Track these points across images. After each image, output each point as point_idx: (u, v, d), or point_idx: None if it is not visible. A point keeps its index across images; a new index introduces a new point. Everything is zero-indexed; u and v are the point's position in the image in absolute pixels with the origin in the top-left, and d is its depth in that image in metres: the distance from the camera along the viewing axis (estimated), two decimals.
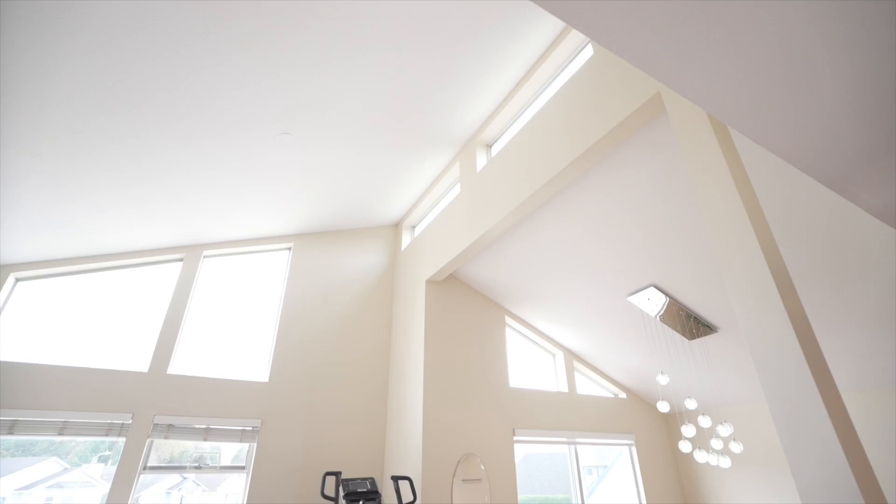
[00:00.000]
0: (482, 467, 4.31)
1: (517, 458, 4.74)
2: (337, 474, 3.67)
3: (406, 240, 5.69)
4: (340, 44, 2.83)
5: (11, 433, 3.33)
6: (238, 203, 4.21)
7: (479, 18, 2.97)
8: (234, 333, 4.60)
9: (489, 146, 4.49)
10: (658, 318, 4.39)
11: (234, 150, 3.50)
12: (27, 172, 2.98)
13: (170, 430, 3.90)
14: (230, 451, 4.14)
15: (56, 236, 3.68)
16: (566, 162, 3.10)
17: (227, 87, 2.89)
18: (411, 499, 3.88)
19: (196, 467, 3.98)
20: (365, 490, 3.71)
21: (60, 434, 3.49)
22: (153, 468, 3.76)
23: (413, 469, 4.06)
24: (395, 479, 3.70)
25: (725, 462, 3.61)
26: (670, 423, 5.87)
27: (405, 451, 4.29)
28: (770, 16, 1.01)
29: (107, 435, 3.64)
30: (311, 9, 2.52)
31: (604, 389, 5.83)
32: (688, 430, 3.76)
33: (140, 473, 3.66)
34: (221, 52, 2.62)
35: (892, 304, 3.15)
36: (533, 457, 5.12)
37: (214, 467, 4.04)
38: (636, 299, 4.31)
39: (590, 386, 5.77)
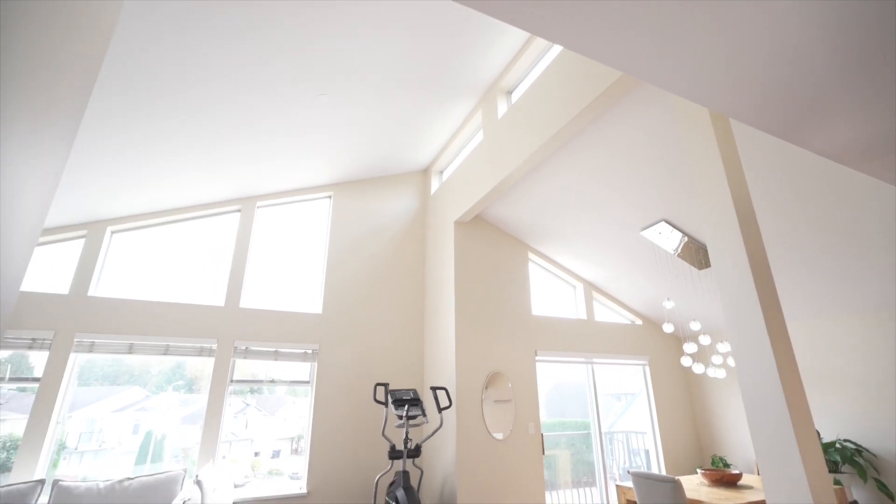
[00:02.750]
0: (509, 384, 5.00)
1: (548, 387, 5.48)
2: (385, 385, 4.43)
3: (435, 184, 6.12)
4: (370, 8, 3.14)
5: (131, 352, 4.21)
6: (283, 158, 4.72)
7: None
8: (290, 272, 5.32)
9: (509, 93, 4.74)
10: (676, 254, 4.75)
11: (278, 110, 3.95)
12: (119, 145, 3.56)
13: (247, 353, 4.72)
14: (291, 371, 4.97)
15: (139, 194, 4.34)
16: (579, 108, 3.36)
17: (273, 52, 3.28)
18: (447, 404, 4.64)
19: (270, 381, 4.85)
20: (409, 398, 4.46)
21: (165, 354, 4.35)
22: (238, 381, 4.63)
23: (448, 382, 4.79)
24: (434, 389, 4.43)
25: (720, 373, 4.12)
26: (680, 345, 6.39)
27: (441, 368, 5.02)
28: None
29: (199, 355, 4.49)
30: None
31: (621, 316, 6.34)
32: (689, 348, 4.26)
33: (229, 385, 4.53)
34: (269, 21, 3.01)
35: (852, 245, 3.42)
36: (562, 386, 5.80)
37: (285, 381, 4.91)
38: (648, 233, 4.67)
39: (608, 314, 6.29)
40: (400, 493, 3.91)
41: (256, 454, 4.62)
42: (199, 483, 3.10)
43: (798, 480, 1.89)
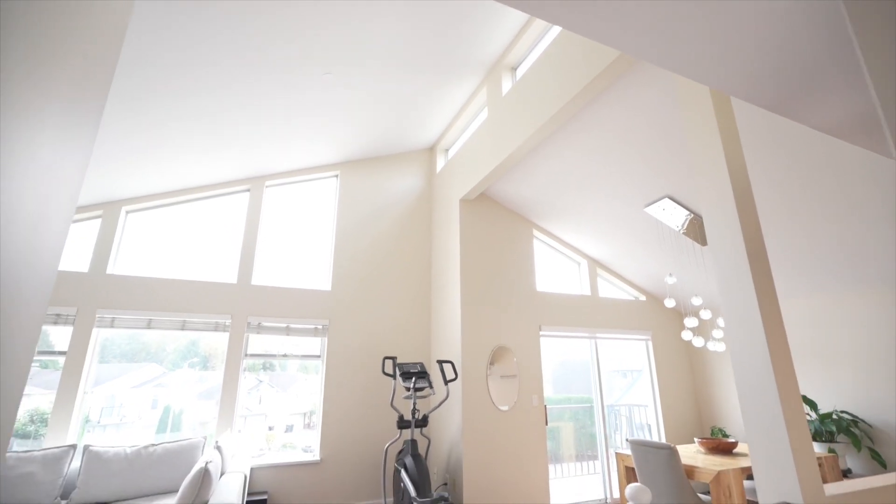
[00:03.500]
0: (514, 359, 5.13)
1: (554, 365, 5.64)
2: (393, 358, 4.59)
3: (440, 162, 6.15)
4: None
5: (149, 328, 4.39)
6: (290, 138, 4.78)
7: None
8: (300, 250, 5.45)
9: (514, 69, 4.72)
10: (681, 232, 4.79)
11: (285, 90, 3.99)
12: (131, 127, 3.65)
13: (260, 328, 4.90)
14: (303, 346, 5.15)
15: (151, 175, 4.45)
16: (581, 85, 3.37)
17: (279, 33, 3.32)
18: (453, 377, 4.80)
19: (283, 355, 5.03)
20: (416, 370, 4.62)
21: (182, 329, 4.53)
22: (252, 355, 4.82)
23: (454, 356, 4.95)
24: (440, 362, 4.58)
25: (720, 347, 4.22)
26: (682, 320, 6.48)
27: (447, 342, 5.17)
28: None
29: (214, 331, 4.67)
30: None
31: (624, 293, 6.43)
32: (690, 322, 4.35)
33: (243, 359, 4.72)
34: (275, 1, 3.04)
35: (852, 222, 3.44)
36: (567, 363, 5.94)
37: (297, 356, 5.09)
38: (652, 210, 4.71)
39: (611, 290, 6.37)
40: (408, 460, 4.11)
41: (270, 429, 4.82)
42: (219, 448, 3.29)
43: (783, 450, 1.98)
